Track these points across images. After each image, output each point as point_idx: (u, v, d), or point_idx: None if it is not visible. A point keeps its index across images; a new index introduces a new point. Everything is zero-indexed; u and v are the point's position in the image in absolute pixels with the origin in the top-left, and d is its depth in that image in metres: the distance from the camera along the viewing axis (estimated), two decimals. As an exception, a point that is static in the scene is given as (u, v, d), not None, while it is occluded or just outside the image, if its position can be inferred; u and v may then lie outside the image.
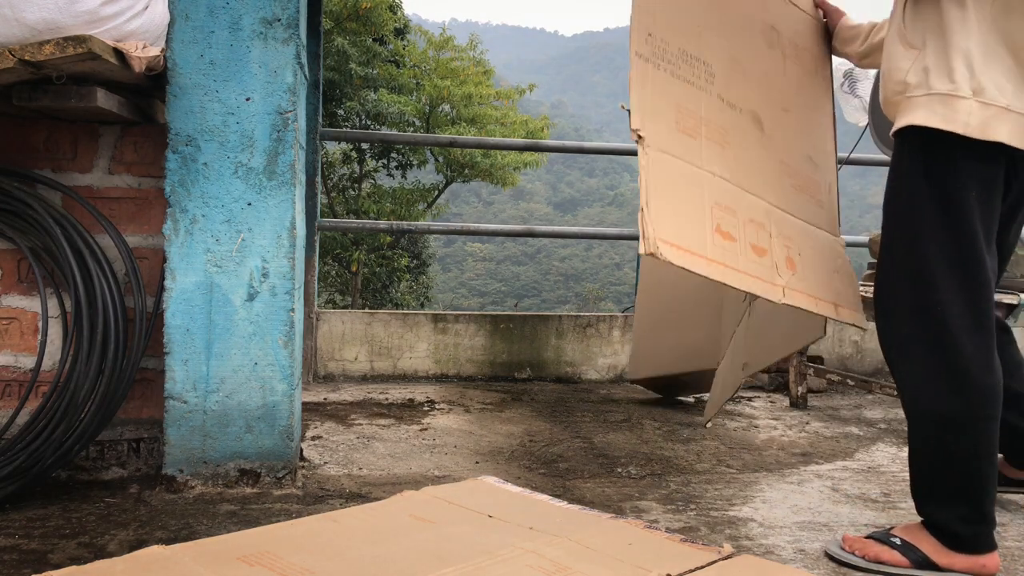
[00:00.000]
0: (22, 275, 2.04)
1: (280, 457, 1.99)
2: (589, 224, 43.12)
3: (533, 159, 13.95)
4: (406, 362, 3.60)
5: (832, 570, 1.63)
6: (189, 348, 1.93)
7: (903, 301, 1.64)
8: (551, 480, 2.19)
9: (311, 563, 1.37)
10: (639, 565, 1.42)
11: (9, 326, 2.04)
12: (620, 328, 3.76)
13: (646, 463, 2.39)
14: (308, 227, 3.28)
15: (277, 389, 1.98)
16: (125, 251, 1.99)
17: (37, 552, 1.57)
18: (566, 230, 4.74)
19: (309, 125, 3.31)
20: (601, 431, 2.77)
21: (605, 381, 3.74)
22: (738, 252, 1.75)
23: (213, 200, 1.93)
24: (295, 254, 1.99)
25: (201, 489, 1.95)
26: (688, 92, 1.83)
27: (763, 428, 2.93)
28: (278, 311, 1.97)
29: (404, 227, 4.15)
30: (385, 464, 2.28)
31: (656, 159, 1.68)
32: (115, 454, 2.08)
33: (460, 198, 47.26)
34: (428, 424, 2.78)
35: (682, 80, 1.83)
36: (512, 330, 3.69)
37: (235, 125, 1.94)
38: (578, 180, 67.62)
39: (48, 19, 1.75)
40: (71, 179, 2.06)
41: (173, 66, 1.91)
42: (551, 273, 44.67)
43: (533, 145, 5.85)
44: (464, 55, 14.63)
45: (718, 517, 1.92)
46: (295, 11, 1.95)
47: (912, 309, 1.62)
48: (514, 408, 3.10)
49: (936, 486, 1.62)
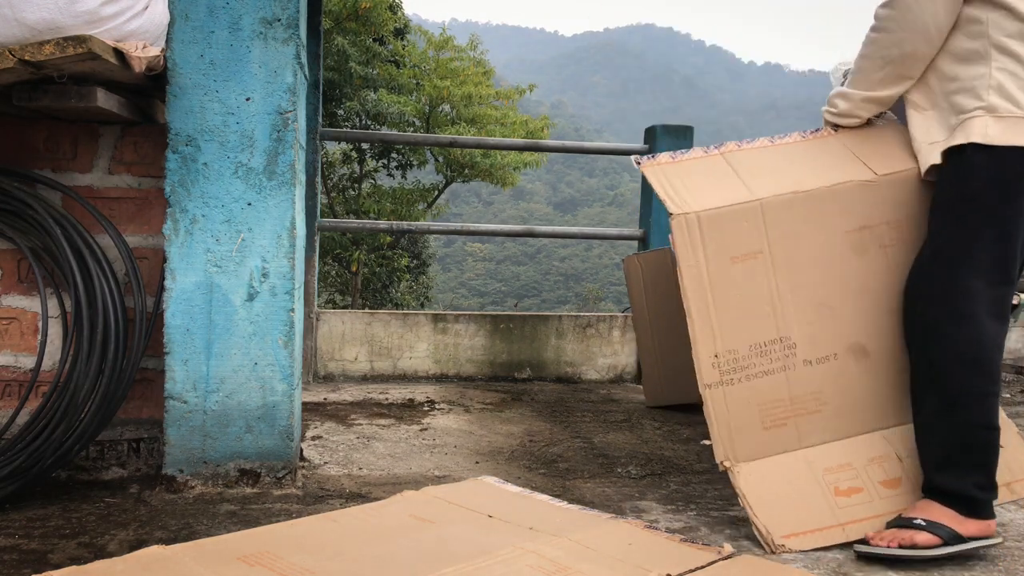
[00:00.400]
0: (22, 275, 2.04)
1: (280, 457, 1.99)
2: (589, 224, 43.12)
3: (533, 159, 13.94)
4: (406, 362, 3.60)
5: (832, 570, 1.62)
6: (189, 348, 1.93)
7: (938, 287, 1.74)
8: (551, 480, 2.19)
9: (311, 563, 1.37)
10: (639, 565, 1.42)
11: (9, 326, 2.04)
12: (620, 328, 3.77)
13: (646, 463, 2.39)
14: (308, 227, 3.28)
15: (277, 389, 1.98)
16: (125, 251, 1.99)
17: (37, 552, 1.57)
18: (566, 230, 4.74)
19: (309, 125, 3.31)
20: (601, 431, 2.77)
21: (605, 381, 3.74)
22: (870, 498, 1.79)
23: (213, 200, 1.93)
24: (295, 254, 1.99)
25: (201, 489, 1.95)
26: (767, 384, 1.82)
27: (763, 428, 2.93)
28: (278, 311, 1.97)
29: (404, 227, 4.15)
30: (385, 464, 2.28)
31: (749, 472, 1.72)
32: (115, 454, 2.08)
33: (460, 198, 47.25)
34: (428, 424, 2.78)
35: (759, 377, 1.81)
36: (512, 330, 3.70)
37: (235, 125, 1.94)
38: (578, 180, 67.60)
39: (48, 19, 1.75)
40: (71, 179, 2.06)
41: (173, 66, 1.91)
42: (551, 273, 44.67)
43: (533, 145, 5.84)
44: (464, 55, 14.62)
45: (718, 517, 1.92)
46: (295, 11, 1.95)
47: (946, 294, 1.73)
48: (514, 408, 3.10)
49: (957, 458, 1.70)
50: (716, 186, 1.86)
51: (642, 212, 3.90)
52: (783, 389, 1.83)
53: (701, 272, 1.81)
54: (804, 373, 1.85)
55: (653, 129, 3.81)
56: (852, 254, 1.88)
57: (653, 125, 3.84)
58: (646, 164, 1.92)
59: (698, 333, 1.81)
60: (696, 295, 1.81)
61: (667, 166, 1.88)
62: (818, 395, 1.85)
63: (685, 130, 3.79)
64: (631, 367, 3.77)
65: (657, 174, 1.89)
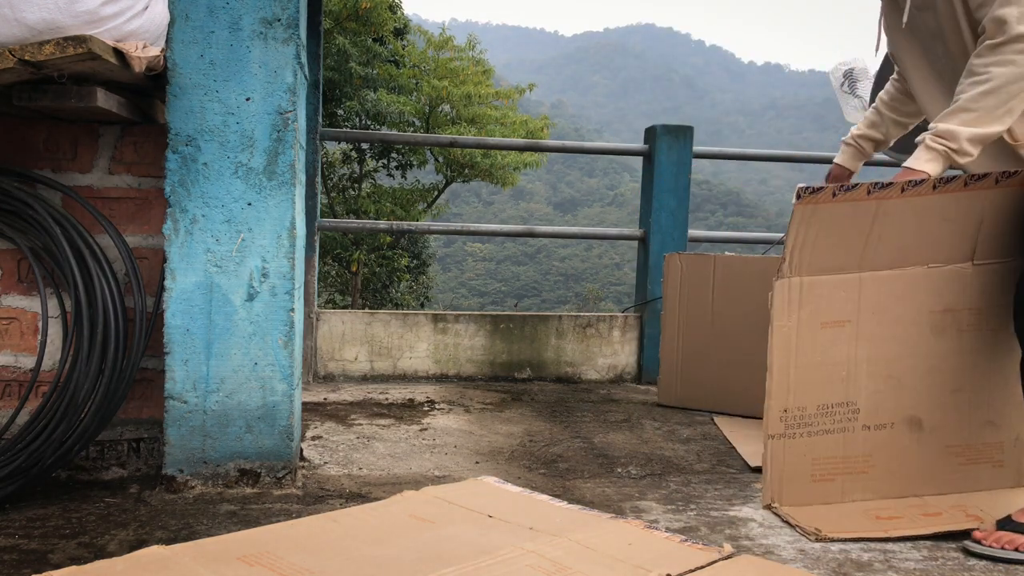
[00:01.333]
0: (22, 275, 2.04)
1: (280, 457, 1.99)
2: (589, 224, 43.13)
3: (533, 159, 13.94)
4: (406, 362, 3.60)
5: (832, 570, 1.62)
6: (189, 348, 1.93)
7: None
8: (551, 480, 2.19)
9: (311, 563, 1.37)
10: (639, 565, 1.42)
11: (9, 326, 2.04)
12: (620, 328, 3.77)
13: (646, 463, 2.39)
14: (308, 227, 3.28)
15: (277, 389, 1.98)
16: (125, 251, 1.99)
17: (37, 552, 1.57)
18: (566, 230, 4.74)
19: (309, 125, 3.31)
20: (601, 431, 2.77)
21: (605, 381, 3.74)
22: (912, 523, 1.86)
23: (213, 200, 1.93)
24: (295, 254, 1.99)
25: (201, 489, 1.95)
26: (825, 442, 1.95)
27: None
28: (278, 311, 1.97)
29: (404, 227, 4.15)
30: (385, 464, 2.28)
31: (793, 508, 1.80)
32: (115, 454, 2.08)
33: (460, 198, 47.28)
34: (428, 424, 2.78)
35: (819, 434, 1.94)
36: (512, 330, 3.70)
37: (235, 125, 1.94)
38: (578, 180, 67.64)
39: (48, 19, 1.75)
40: (71, 179, 2.06)
41: (173, 66, 1.91)
42: (551, 273, 44.68)
43: (533, 145, 5.84)
44: (464, 55, 14.62)
45: (718, 517, 1.92)
46: (295, 11, 1.95)
47: None
48: (514, 408, 3.10)
49: None
50: (838, 246, 1.91)
51: (642, 212, 3.90)
52: (839, 448, 1.97)
53: (791, 334, 1.92)
54: (860, 436, 1.99)
55: (653, 129, 3.81)
56: (931, 333, 1.99)
57: (653, 125, 3.85)
58: (806, 199, 1.85)
59: (774, 388, 1.92)
60: (781, 353, 1.92)
61: (822, 206, 1.85)
62: (868, 457, 1.99)
63: (685, 130, 3.79)
64: (631, 367, 3.77)
65: (804, 216, 1.86)
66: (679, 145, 3.73)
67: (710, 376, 3.15)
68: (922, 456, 2.00)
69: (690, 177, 3.79)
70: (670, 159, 3.73)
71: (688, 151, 3.75)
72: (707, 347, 3.16)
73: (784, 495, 1.94)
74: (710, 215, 54.54)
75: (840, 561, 1.67)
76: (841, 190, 1.87)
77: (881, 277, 1.95)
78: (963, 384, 2.02)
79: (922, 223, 1.91)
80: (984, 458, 2.05)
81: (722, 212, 57.24)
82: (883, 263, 1.94)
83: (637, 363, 3.76)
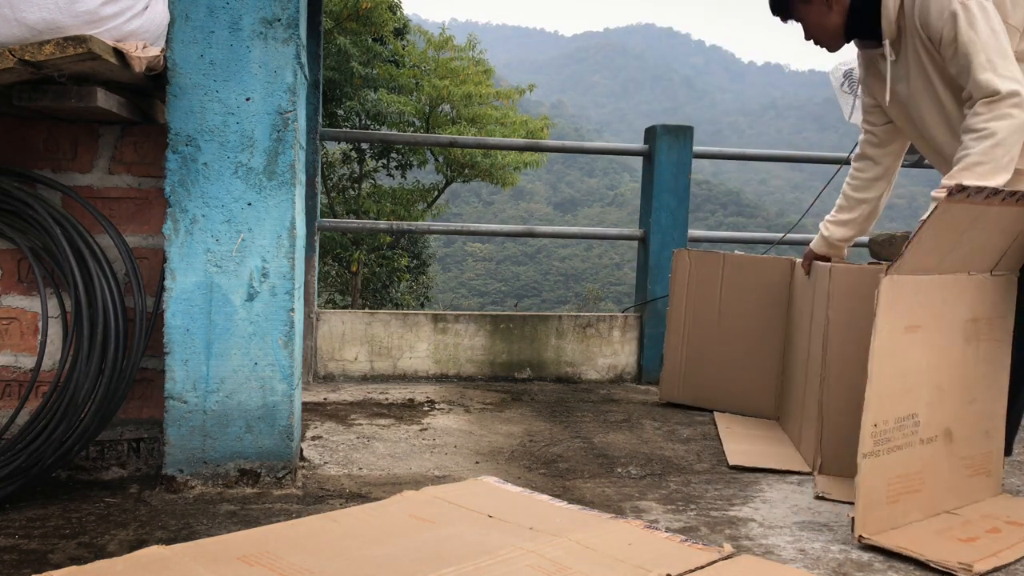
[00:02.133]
0: (22, 275, 2.04)
1: (280, 457, 1.99)
2: (589, 224, 43.12)
3: (533, 159, 13.94)
4: (406, 362, 3.60)
5: (832, 570, 1.63)
6: (189, 348, 1.93)
7: None
8: (551, 480, 2.19)
9: (311, 563, 1.37)
10: (639, 565, 1.42)
11: (9, 326, 2.04)
12: (620, 328, 3.77)
13: (646, 463, 2.39)
14: (308, 227, 3.28)
15: (277, 389, 1.98)
16: (125, 251, 1.99)
17: (37, 552, 1.57)
18: (566, 230, 4.74)
19: (309, 125, 3.31)
20: (601, 431, 2.77)
21: (605, 381, 3.74)
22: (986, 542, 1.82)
23: (213, 200, 1.93)
24: (295, 254, 1.99)
25: (201, 489, 1.95)
26: (895, 459, 1.83)
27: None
28: (278, 311, 1.97)
29: (404, 227, 4.15)
30: (385, 464, 2.28)
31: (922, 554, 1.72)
32: (115, 454, 2.08)
33: (460, 198, 47.26)
34: (428, 424, 2.78)
35: (893, 451, 1.83)
36: (512, 330, 3.70)
37: (235, 125, 1.94)
38: (578, 180, 67.62)
39: (48, 19, 1.75)
40: (71, 179, 2.06)
41: (173, 66, 1.91)
42: (551, 273, 44.68)
43: (533, 145, 5.84)
44: (464, 55, 14.62)
45: (718, 517, 1.92)
46: (295, 11, 1.95)
47: None
48: (514, 408, 3.10)
49: None
50: (936, 248, 1.82)
51: (642, 212, 3.90)
52: (903, 466, 1.84)
53: (887, 337, 1.78)
54: (918, 451, 1.87)
55: (653, 129, 3.81)
56: (964, 343, 1.95)
57: (653, 125, 3.84)
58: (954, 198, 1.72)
59: (872, 398, 1.75)
60: (879, 357, 1.76)
61: (958, 206, 1.74)
62: (921, 474, 1.88)
63: (685, 130, 3.79)
64: (631, 367, 3.77)
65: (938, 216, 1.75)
66: (679, 145, 3.73)
67: (714, 374, 3.13)
68: (951, 469, 1.95)
69: (690, 177, 3.79)
70: (670, 159, 3.73)
71: (688, 151, 3.75)
72: (712, 345, 3.15)
73: (868, 524, 1.76)
74: (710, 215, 54.53)
75: (840, 561, 1.67)
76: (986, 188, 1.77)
77: (939, 281, 1.88)
78: (977, 395, 2.00)
79: (991, 234, 1.88)
80: (982, 468, 2.03)
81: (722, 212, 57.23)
82: (948, 268, 1.88)
83: (637, 363, 3.76)
